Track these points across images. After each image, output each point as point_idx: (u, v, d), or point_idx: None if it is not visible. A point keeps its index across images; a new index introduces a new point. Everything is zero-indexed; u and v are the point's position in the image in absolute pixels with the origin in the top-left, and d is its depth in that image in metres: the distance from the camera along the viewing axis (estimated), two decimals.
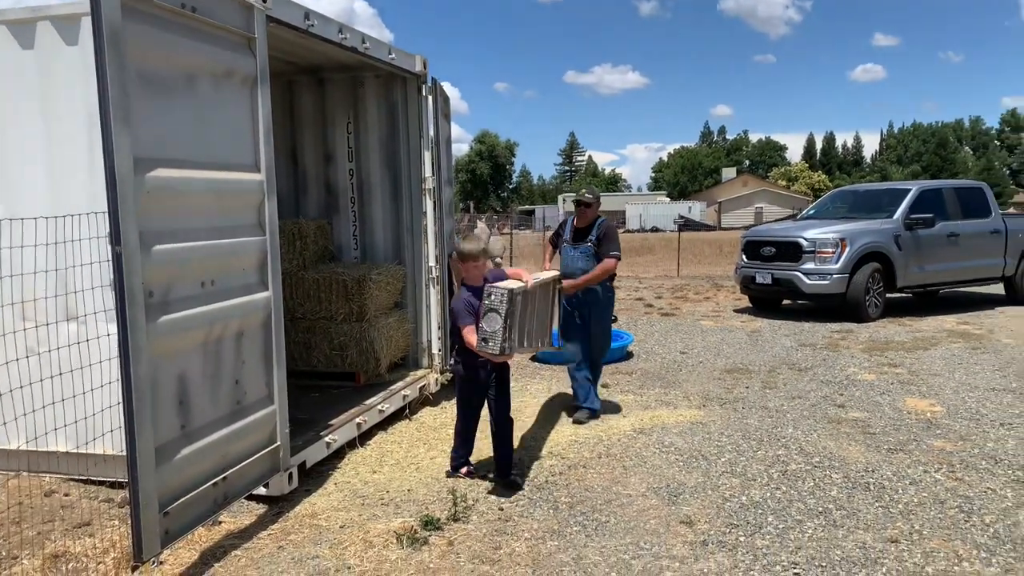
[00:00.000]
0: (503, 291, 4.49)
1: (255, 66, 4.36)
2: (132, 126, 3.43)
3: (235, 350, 4.24)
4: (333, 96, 7.24)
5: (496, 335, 4.44)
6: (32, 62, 4.81)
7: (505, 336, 4.45)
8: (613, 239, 6.21)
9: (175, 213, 3.76)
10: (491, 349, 4.49)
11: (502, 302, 4.45)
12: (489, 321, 4.47)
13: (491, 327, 4.45)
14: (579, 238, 6.33)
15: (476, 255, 4.91)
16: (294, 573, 3.80)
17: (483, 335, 4.49)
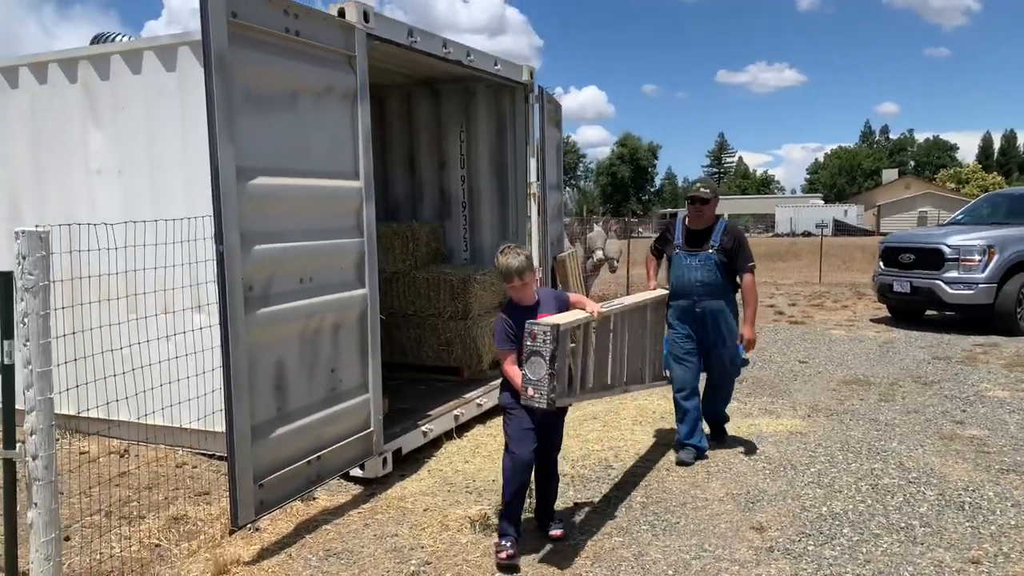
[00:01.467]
0: (547, 329, 3.66)
1: (355, 81, 4.75)
2: (236, 139, 3.88)
3: (332, 341, 4.64)
4: (447, 106, 7.63)
5: (542, 383, 3.66)
6: (174, 83, 5.45)
7: (552, 384, 3.66)
8: (745, 246, 5.33)
9: (275, 217, 4.19)
10: (537, 401, 3.70)
11: (546, 342, 3.64)
12: (533, 366, 3.69)
13: (535, 373, 3.68)
14: (695, 243, 5.37)
15: (512, 274, 3.91)
16: (373, 548, 4.13)
17: (527, 382, 3.73)
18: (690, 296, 5.33)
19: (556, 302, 4.13)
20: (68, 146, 5.88)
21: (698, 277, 5.29)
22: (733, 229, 5.40)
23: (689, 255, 5.34)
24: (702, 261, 5.28)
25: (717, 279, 5.27)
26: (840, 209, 65.18)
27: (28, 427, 3.24)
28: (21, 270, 3.17)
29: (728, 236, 5.29)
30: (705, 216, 5.35)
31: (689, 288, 5.31)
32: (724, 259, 5.27)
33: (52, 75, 5.88)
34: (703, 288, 5.27)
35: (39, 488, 3.26)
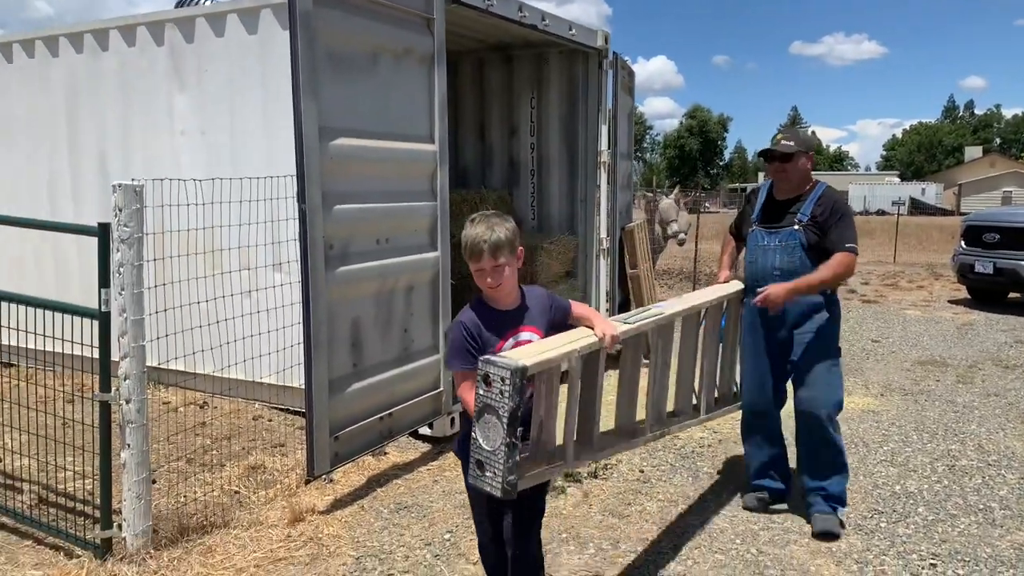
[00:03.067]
0: (505, 372, 2.34)
1: (433, 44, 4.77)
2: (319, 99, 3.96)
3: (405, 302, 4.73)
4: (519, 72, 7.60)
5: (496, 458, 2.38)
6: (256, 45, 5.56)
7: (510, 460, 2.37)
8: (846, 220, 3.81)
9: (355, 177, 4.27)
10: (489, 483, 2.42)
11: (503, 394, 2.33)
12: (485, 428, 2.41)
13: (488, 440, 2.39)
14: (777, 216, 3.94)
15: (480, 250, 2.56)
16: (442, 503, 4.23)
17: (476, 451, 2.45)
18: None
19: (550, 312, 2.77)
20: (154, 107, 6.07)
21: (775, 263, 3.86)
22: (831, 197, 3.88)
23: (767, 233, 3.93)
24: (782, 241, 3.85)
25: (802, 266, 3.80)
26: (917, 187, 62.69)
27: (122, 372, 3.41)
28: (117, 222, 3.32)
29: (823, 206, 3.81)
30: (791, 178, 3.90)
31: (764, 278, 3.88)
32: (815, 238, 3.79)
33: (140, 38, 6.06)
34: (781, 277, 3.80)
35: (132, 430, 3.44)
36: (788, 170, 3.92)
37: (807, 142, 4.03)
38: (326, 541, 3.75)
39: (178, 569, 3.44)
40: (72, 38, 6.43)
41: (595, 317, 2.90)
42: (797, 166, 3.91)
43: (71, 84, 6.51)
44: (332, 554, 3.63)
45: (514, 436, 2.38)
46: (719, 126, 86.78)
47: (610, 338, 2.79)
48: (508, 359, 2.42)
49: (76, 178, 6.61)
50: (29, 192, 6.78)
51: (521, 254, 2.68)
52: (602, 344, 2.80)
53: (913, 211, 51.40)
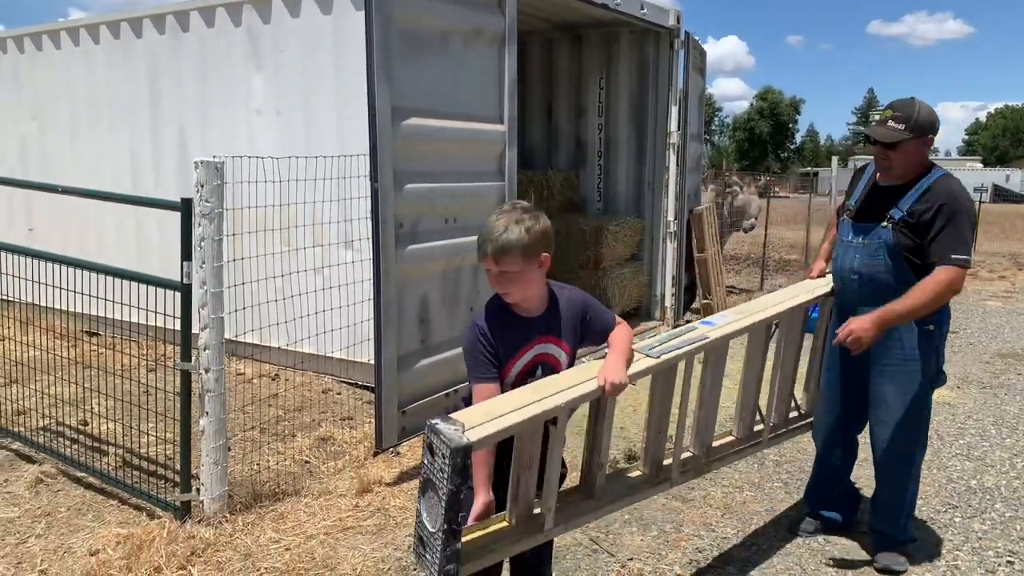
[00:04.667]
0: (447, 447, 2.01)
1: (503, 25, 4.77)
2: (392, 80, 4.01)
3: (471, 281, 4.78)
4: (588, 52, 7.54)
5: (435, 543, 2.09)
6: (330, 26, 5.65)
7: (448, 549, 2.07)
8: (956, 222, 3.04)
9: (425, 157, 4.32)
10: (426, 564, 2.14)
11: (444, 470, 2.03)
12: (428, 505, 2.11)
13: (431, 521, 2.10)
14: (872, 208, 3.24)
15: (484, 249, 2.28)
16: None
17: (420, 528, 2.15)
18: (845, 295, 3.35)
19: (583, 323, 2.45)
20: (231, 87, 6.24)
21: (854, 265, 3.25)
22: (943, 191, 3.07)
23: (854, 226, 3.29)
24: (867, 238, 3.20)
25: (886, 275, 3.14)
26: (1001, 173, 59.97)
27: (202, 343, 3.55)
28: (199, 197, 3.44)
29: (928, 203, 3.05)
30: (894, 166, 3.16)
31: (844, 282, 3.33)
32: (908, 242, 3.09)
33: (219, 19, 6.22)
34: (860, 285, 3.23)
35: (210, 399, 3.58)
36: (891, 159, 3.14)
37: (921, 125, 3.09)
38: (393, 512, 3.84)
39: (251, 533, 3.57)
40: (155, 19, 6.64)
41: (613, 353, 2.40)
42: (904, 154, 3.13)
43: (153, 64, 6.74)
44: (398, 525, 3.72)
45: (454, 522, 2.06)
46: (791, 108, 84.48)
47: (610, 386, 2.31)
48: (453, 431, 2.04)
49: (156, 154, 6.85)
50: (112, 168, 7.05)
51: (546, 261, 2.30)
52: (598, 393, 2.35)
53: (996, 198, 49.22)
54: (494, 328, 2.31)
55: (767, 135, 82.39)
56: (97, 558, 3.34)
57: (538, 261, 2.29)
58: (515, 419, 2.16)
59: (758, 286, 11.21)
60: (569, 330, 2.41)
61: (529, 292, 2.33)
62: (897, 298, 3.05)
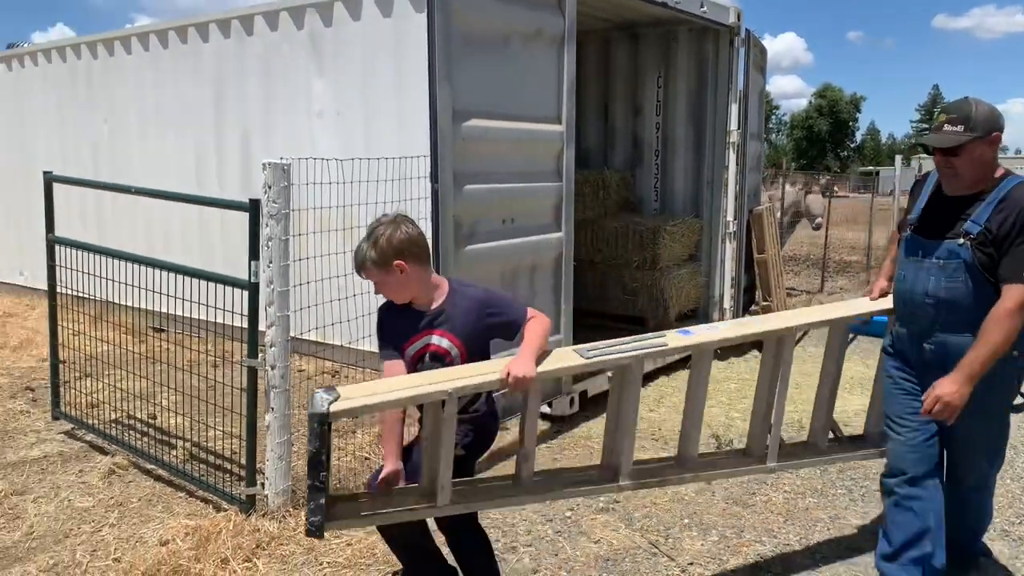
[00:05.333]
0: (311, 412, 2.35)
1: (563, 25, 4.77)
2: (452, 82, 4.04)
3: (528, 282, 4.79)
4: (645, 51, 7.47)
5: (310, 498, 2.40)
6: (390, 28, 5.72)
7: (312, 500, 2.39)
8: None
9: (484, 158, 4.35)
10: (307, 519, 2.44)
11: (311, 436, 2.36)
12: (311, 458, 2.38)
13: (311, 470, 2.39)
14: (941, 221, 2.87)
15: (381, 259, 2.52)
16: None
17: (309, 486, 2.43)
18: (915, 321, 2.95)
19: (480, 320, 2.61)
20: (294, 89, 6.36)
21: (928, 287, 2.86)
22: (1021, 200, 2.71)
23: (923, 243, 2.90)
24: (941, 257, 2.82)
25: (967, 297, 2.79)
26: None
27: (268, 340, 3.63)
28: (267, 198, 3.51)
29: (1005, 212, 2.70)
30: (962, 174, 2.80)
31: (913, 306, 2.94)
32: (987, 260, 2.74)
33: (282, 22, 6.35)
34: (937, 310, 2.85)
35: (276, 395, 3.66)
36: (957, 166, 2.78)
37: (985, 123, 2.74)
38: None
39: None
40: (221, 24, 6.81)
41: (522, 347, 2.54)
42: (971, 159, 2.76)
43: (218, 68, 6.91)
44: None
45: (317, 479, 2.36)
46: (851, 106, 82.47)
47: (513, 379, 2.42)
48: (322, 400, 2.35)
49: (221, 156, 7.02)
50: (178, 169, 7.26)
51: (404, 267, 2.51)
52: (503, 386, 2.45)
53: None
54: (390, 316, 2.67)
55: (826, 133, 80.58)
56: (167, 548, 3.44)
57: (396, 268, 2.52)
58: (382, 399, 2.43)
59: (818, 287, 10.98)
60: (463, 325, 2.59)
61: (407, 294, 2.60)
62: (967, 316, 2.76)
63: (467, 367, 2.54)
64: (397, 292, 2.59)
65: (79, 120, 8.29)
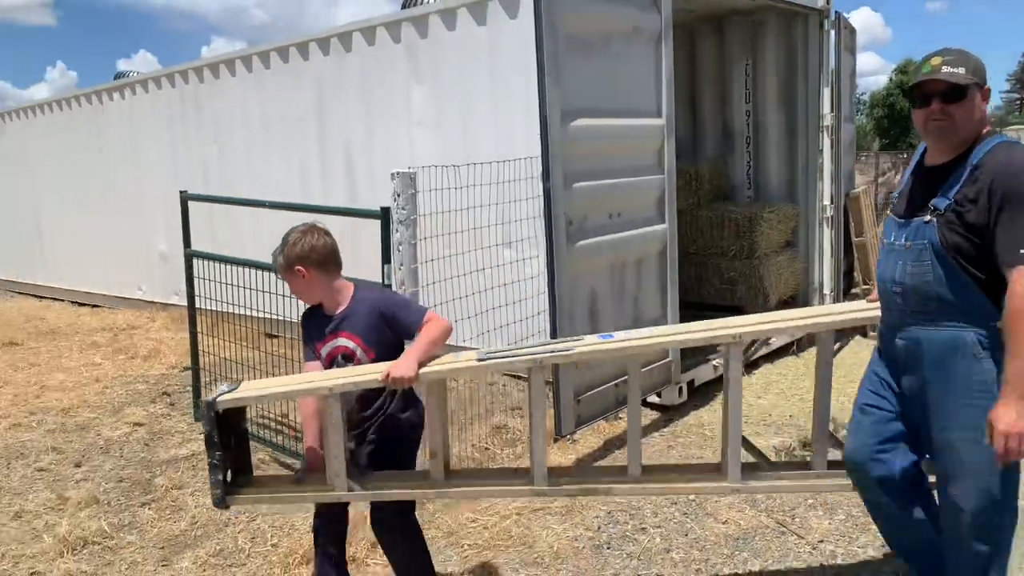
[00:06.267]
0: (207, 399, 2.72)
1: (660, 22, 4.87)
2: (560, 83, 4.20)
3: (635, 274, 4.91)
4: (732, 40, 7.47)
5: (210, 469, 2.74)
6: (485, 36, 5.92)
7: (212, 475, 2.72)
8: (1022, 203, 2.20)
9: (590, 155, 4.49)
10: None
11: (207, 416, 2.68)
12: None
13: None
14: (916, 198, 2.47)
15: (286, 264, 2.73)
16: None
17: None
18: (888, 313, 2.57)
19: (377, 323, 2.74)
20: (393, 100, 6.65)
21: (896, 275, 2.46)
22: (999, 163, 2.27)
23: (897, 225, 2.51)
24: (909, 240, 2.42)
25: (936, 285, 2.36)
26: None
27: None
28: (396, 205, 3.75)
29: (980, 181, 2.26)
30: (960, 126, 2.36)
31: (886, 296, 2.55)
32: (958, 239, 2.30)
33: (379, 37, 6.64)
34: (904, 299, 2.45)
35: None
36: (956, 116, 2.33)
37: (982, 71, 2.37)
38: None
39: (450, 513, 3.86)
40: (321, 42, 7.16)
41: (410, 350, 2.66)
42: (969, 110, 2.33)
43: (319, 84, 7.27)
44: (584, 507, 3.91)
45: (214, 458, 2.70)
46: None
47: (391, 380, 2.57)
48: (221, 391, 2.74)
49: (324, 167, 7.38)
50: (284, 182, 7.65)
51: (307, 273, 2.71)
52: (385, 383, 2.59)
53: None
54: (306, 319, 2.88)
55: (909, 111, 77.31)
56: None
57: (299, 273, 2.72)
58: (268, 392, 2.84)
59: None
60: (365, 328, 2.75)
61: (314, 297, 2.81)
62: (939, 306, 2.35)
63: (361, 367, 2.73)
64: (304, 294, 2.82)
65: (189, 140, 8.82)
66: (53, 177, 11.10)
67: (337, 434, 2.68)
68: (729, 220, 7.01)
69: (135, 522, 4.01)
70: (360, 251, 6.41)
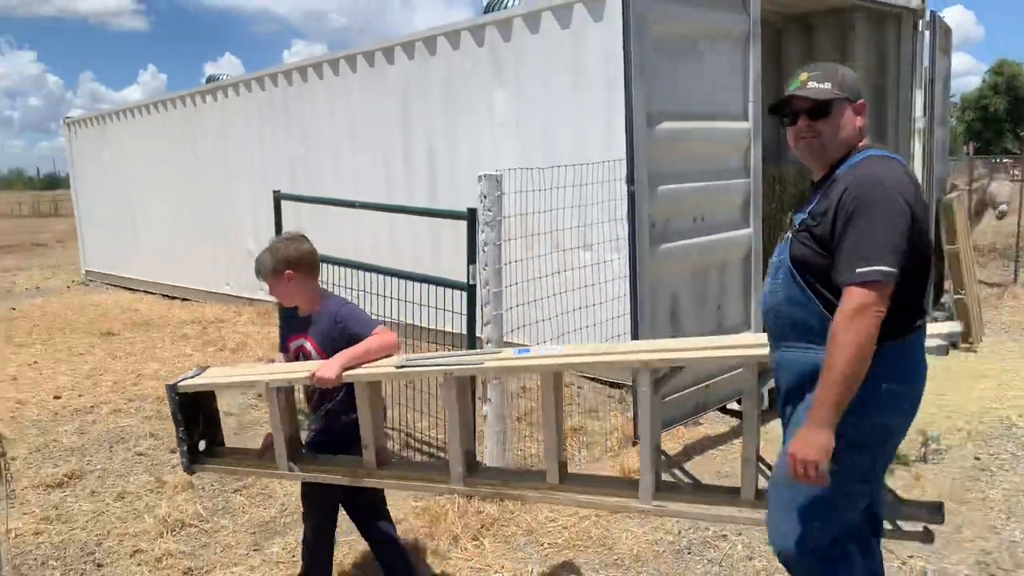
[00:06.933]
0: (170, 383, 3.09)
1: (748, 23, 4.81)
2: (647, 86, 4.20)
3: (718, 279, 4.87)
4: (820, 40, 7.32)
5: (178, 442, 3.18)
6: (568, 39, 5.95)
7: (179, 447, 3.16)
8: (865, 217, 2.01)
9: (675, 158, 4.48)
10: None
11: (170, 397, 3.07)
12: None
13: None
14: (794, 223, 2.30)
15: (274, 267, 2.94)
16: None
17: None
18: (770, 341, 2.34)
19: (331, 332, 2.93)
20: (475, 103, 6.74)
21: (765, 296, 2.34)
22: (854, 177, 2.09)
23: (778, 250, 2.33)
24: (774, 256, 2.33)
25: (791, 306, 2.20)
26: None
27: (484, 337, 3.93)
28: (483, 207, 3.81)
29: (831, 197, 2.10)
30: (828, 143, 2.22)
31: (770, 327, 2.33)
32: (811, 254, 2.14)
33: (464, 41, 6.75)
34: (773, 323, 2.29)
35: (492, 387, 3.95)
36: (824, 131, 2.21)
37: (853, 85, 2.26)
38: None
39: (530, 512, 3.90)
40: (405, 46, 7.31)
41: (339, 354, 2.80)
42: (836, 126, 2.20)
43: (403, 86, 7.42)
44: None
45: (180, 434, 3.09)
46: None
47: (316, 380, 2.78)
48: (182, 376, 3.12)
49: (407, 167, 7.53)
50: (368, 181, 7.85)
51: (292, 276, 2.92)
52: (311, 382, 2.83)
53: None
54: (283, 315, 3.16)
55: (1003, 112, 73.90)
56: (402, 525, 3.80)
57: (285, 277, 2.93)
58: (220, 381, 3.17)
59: (1011, 279, 10.24)
60: (322, 333, 2.97)
61: (293, 300, 3.03)
62: (796, 327, 2.17)
63: (296, 364, 3.03)
64: (284, 297, 3.04)
65: (277, 141, 9.13)
66: (147, 176, 11.65)
67: (277, 421, 3.00)
68: None
69: (228, 507, 4.18)
70: (441, 249, 6.59)
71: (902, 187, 2.05)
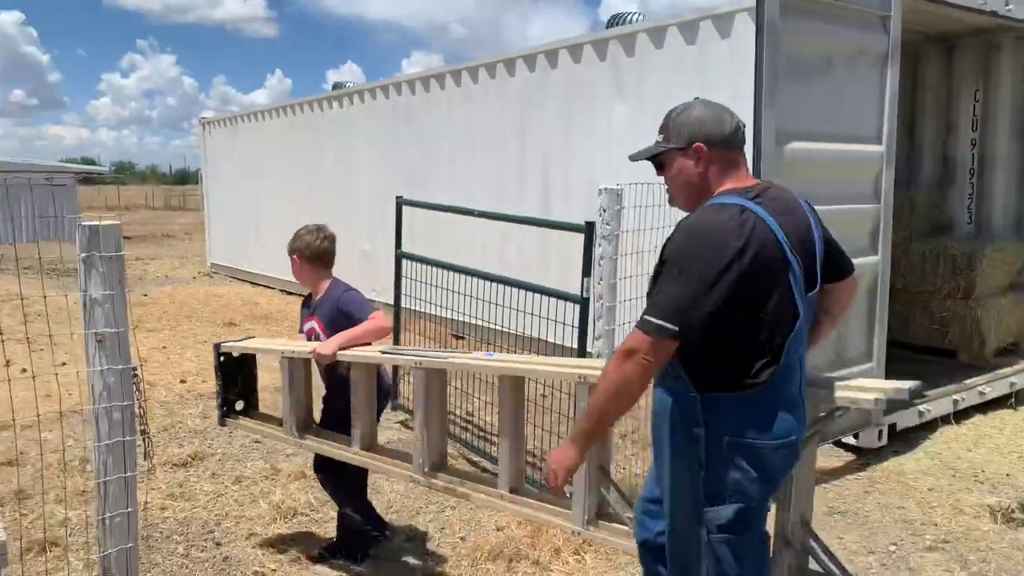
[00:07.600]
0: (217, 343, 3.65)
1: (887, 43, 4.61)
2: (776, 105, 4.09)
3: None
4: (961, 63, 6.92)
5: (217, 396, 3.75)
6: (694, 55, 5.88)
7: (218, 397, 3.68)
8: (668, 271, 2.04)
9: (803, 179, 4.29)
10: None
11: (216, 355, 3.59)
12: None
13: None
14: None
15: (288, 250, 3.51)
16: (879, 515, 4.12)
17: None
18: None
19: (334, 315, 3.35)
20: (593, 116, 6.75)
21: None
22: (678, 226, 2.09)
23: None
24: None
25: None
26: None
27: (595, 351, 3.91)
28: (601, 220, 3.80)
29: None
30: (674, 195, 2.29)
31: None
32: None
33: (585, 54, 6.77)
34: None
35: None
36: (668, 184, 2.27)
37: (684, 129, 2.20)
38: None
39: None
40: (527, 59, 7.40)
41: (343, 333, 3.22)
42: (676, 174, 2.21)
43: (522, 98, 7.51)
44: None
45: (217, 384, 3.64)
46: None
47: (316, 356, 3.24)
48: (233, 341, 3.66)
49: (521, 178, 7.61)
50: (482, 190, 7.96)
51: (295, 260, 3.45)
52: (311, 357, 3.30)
53: None
54: (305, 300, 3.62)
55: None
56: (504, 533, 3.83)
57: (293, 260, 3.46)
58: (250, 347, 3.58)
59: None
60: (326, 315, 3.38)
61: (302, 280, 3.52)
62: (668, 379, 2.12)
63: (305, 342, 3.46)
64: (296, 276, 3.53)
65: (397, 148, 9.41)
66: (272, 176, 12.23)
67: (286, 390, 3.41)
68: (945, 256, 6.48)
69: None
70: (549, 261, 6.61)
71: (726, 241, 1.98)
